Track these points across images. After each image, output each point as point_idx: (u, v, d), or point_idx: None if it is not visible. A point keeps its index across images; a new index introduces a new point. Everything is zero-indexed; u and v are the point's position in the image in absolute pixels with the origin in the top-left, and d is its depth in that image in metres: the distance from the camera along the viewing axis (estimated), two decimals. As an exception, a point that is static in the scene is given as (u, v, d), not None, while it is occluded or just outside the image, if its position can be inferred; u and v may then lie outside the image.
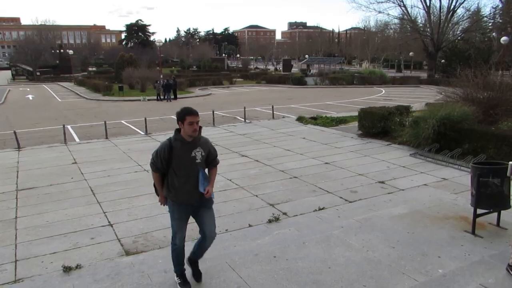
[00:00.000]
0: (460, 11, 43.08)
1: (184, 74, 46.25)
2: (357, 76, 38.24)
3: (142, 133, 13.88)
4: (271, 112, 17.27)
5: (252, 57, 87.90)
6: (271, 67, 70.88)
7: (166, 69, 52.05)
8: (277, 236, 5.28)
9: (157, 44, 36.17)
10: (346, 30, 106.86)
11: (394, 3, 42.22)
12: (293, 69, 59.22)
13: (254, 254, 4.63)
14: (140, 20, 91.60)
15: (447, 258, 4.36)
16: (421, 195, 6.89)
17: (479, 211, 4.98)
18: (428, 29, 42.38)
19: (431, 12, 42.39)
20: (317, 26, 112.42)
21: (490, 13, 49.20)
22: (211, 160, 3.89)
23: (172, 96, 26.74)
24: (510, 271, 3.76)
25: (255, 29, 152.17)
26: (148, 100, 26.50)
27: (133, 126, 15.62)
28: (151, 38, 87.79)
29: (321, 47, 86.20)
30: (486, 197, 4.83)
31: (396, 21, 51.06)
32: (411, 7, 75.57)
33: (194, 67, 64.82)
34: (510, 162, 4.28)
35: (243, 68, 61.87)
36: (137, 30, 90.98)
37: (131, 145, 11.90)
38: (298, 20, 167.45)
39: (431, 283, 3.81)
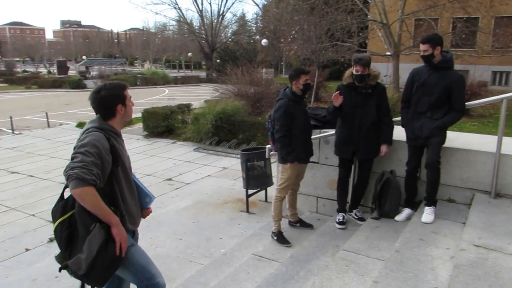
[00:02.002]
0: (228, 15, 47.73)
1: None
2: (140, 77, 37.96)
3: None
4: (46, 120, 15.55)
5: (19, 59, 76.90)
6: (43, 70, 63.46)
7: None
8: (60, 253, 4.84)
9: None
10: (126, 31, 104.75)
11: (169, 5, 43.66)
12: (70, 71, 54.44)
13: (32, 279, 4.16)
14: None
15: (227, 238, 4.85)
16: (205, 185, 7.41)
17: (250, 191, 5.70)
18: (203, 31, 45.45)
19: (204, 15, 45.58)
20: (93, 26, 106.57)
21: (252, 19, 56.20)
22: None
23: None
24: (274, 237, 4.44)
25: (19, 27, 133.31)
26: None
27: None
28: None
29: (100, 47, 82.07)
30: (254, 178, 5.56)
31: (174, 22, 53.03)
32: (186, 10, 79.49)
33: None
34: (267, 146, 5.01)
35: (8, 72, 53.25)
36: None
37: None
38: (72, 19, 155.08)
39: (215, 263, 4.16)
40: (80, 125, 14.58)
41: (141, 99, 24.45)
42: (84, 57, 63.84)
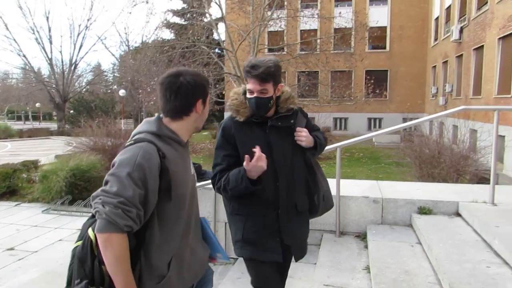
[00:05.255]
0: (82, 64, 45.41)
1: None
2: (-25, 131, 33.12)
3: None
4: None
5: None
6: None
7: None
8: None
9: None
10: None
11: (12, 51, 39.78)
12: None
13: None
14: None
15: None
16: (56, 252, 6.64)
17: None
18: (54, 80, 42.28)
19: (54, 63, 42.58)
20: None
21: (109, 68, 54.49)
22: None
23: None
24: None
25: None
26: None
27: None
28: None
29: None
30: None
31: (18, 70, 48.30)
32: (33, 58, 73.08)
33: None
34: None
35: None
36: None
37: None
38: None
39: None
40: None
41: (-24, 157, 21.24)
42: None
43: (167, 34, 27.59)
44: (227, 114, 2.53)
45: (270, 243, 2.31)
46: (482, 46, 16.12)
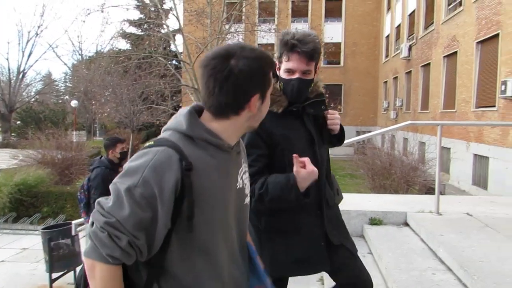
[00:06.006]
0: (31, 73, 43.45)
1: None
2: None
3: None
4: None
5: None
6: None
7: None
8: None
9: None
10: None
11: (-47, 59, 37.45)
12: None
13: None
14: None
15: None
16: None
17: (55, 275, 5.04)
18: (-1, 89, 40.22)
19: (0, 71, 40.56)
20: None
21: (61, 78, 52.63)
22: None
23: None
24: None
25: None
26: None
27: None
28: None
29: None
30: (59, 258, 4.96)
31: (-42, 79, 45.51)
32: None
33: None
34: (73, 222, 4.58)
35: None
36: None
37: None
38: None
39: None
40: None
41: None
42: None
43: (123, 44, 27.03)
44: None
45: (317, 254, 1.94)
46: (429, 63, 17.03)
